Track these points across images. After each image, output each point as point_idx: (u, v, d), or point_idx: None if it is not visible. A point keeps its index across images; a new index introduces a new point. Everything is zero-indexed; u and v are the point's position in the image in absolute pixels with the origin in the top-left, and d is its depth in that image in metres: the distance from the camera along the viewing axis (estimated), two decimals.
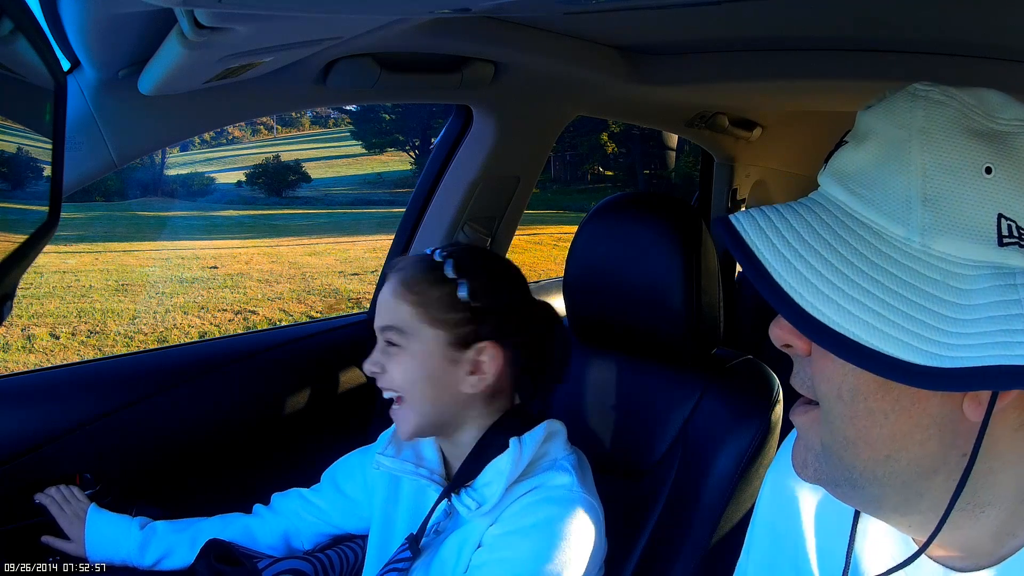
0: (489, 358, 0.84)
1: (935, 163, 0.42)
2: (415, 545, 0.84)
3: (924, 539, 0.45)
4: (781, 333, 0.47)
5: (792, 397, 0.51)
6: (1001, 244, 0.41)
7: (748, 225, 0.45)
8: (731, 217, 0.46)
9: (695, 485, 1.03)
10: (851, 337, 0.40)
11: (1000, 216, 0.41)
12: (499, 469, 0.82)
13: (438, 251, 0.88)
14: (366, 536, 0.97)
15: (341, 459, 1.04)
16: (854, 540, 0.54)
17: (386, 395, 0.86)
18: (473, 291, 0.84)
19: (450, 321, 0.84)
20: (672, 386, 1.08)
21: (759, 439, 1.01)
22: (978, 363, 0.38)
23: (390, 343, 0.85)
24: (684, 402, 1.07)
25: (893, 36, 1.08)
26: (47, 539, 1.01)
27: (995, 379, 0.37)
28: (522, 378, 0.89)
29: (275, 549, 1.01)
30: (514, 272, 0.91)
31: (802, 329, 0.42)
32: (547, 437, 0.86)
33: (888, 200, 0.42)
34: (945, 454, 0.43)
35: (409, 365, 0.84)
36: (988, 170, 0.41)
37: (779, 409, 1.04)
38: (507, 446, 0.82)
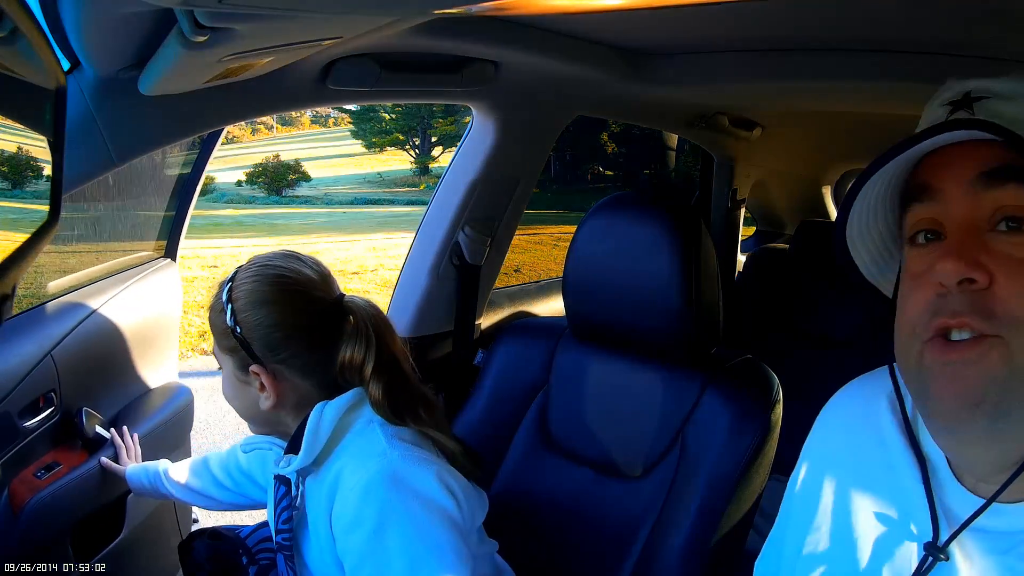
0: (265, 380, 0.84)
1: None
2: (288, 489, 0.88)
3: None
4: (962, 267, 0.49)
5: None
6: None
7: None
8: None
9: (695, 485, 1.03)
10: None
11: None
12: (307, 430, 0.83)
13: (238, 272, 0.87)
14: None
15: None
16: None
17: None
18: (235, 317, 0.84)
19: (230, 347, 0.85)
20: (671, 385, 1.08)
21: (759, 439, 1.01)
22: None
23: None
24: (683, 401, 1.07)
25: (893, 36, 1.08)
26: (105, 461, 1.13)
27: None
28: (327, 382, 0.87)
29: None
30: (284, 284, 0.85)
31: None
32: (354, 406, 0.85)
33: None
34: None
35: (224, 387, 0.89)
36: None
37: (779, 409, 1.04)
38: None
